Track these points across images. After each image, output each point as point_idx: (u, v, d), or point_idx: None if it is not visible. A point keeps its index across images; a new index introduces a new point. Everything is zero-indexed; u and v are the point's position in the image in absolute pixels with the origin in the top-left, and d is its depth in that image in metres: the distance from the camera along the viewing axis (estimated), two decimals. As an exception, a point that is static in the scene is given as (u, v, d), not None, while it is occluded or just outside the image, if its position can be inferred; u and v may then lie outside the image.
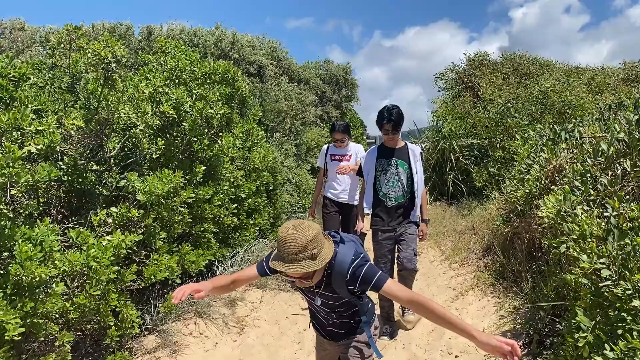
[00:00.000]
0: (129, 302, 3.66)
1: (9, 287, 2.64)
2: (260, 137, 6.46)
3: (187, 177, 4.45)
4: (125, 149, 4.24)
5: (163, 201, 3.92)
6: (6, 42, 11.31)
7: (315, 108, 14.44)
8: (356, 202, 5.30)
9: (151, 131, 4.30)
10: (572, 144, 4.15)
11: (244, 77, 10.19)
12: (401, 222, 4.35)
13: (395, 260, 4.43)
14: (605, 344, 2.30)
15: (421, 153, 4.45)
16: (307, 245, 1.93)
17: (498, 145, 8.34)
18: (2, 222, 2.77)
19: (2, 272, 2.75)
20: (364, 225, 4.63)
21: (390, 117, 4.18)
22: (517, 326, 3.97)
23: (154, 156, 4.24)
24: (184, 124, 4.52)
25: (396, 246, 4.40)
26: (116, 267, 3.27)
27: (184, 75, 4.82)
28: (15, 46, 11.08)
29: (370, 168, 4.40)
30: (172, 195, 3.99)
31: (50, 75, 4.47)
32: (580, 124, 4.53)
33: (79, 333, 3.47)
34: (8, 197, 2.94)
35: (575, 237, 2.85)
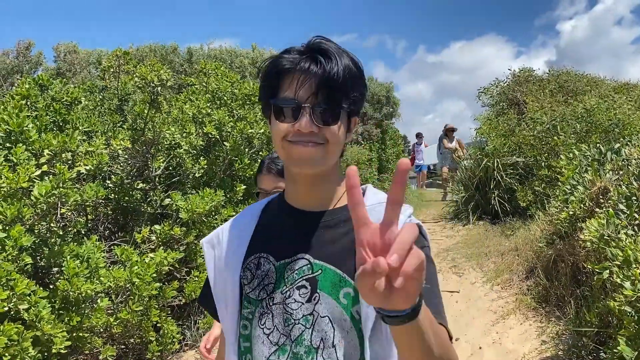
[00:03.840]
0: (170, 317, 3.77)
1: (57, 301, 2.78)
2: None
3: (228, 196, 4.55)
4: (170, 168, 4.39)
5: (204, 219, 4.03)
6: (65, 65, 11.99)
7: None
8: None
9: (194, 151, 4.44)
10: (617, 165, 4.02)
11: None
12: None
13: None
14: (649, 376, 2.22)
15: (422, 233, 1.00)
16: None
17: (544, 164, 8.11)
18: (53, 240, 2.93)
19: (51, 287, 2.89)
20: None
21: (316, 52, 0.96)
22: (560, 352, 3.84)
23: (196, 175, 4.37)
24: (225, 144, 4.64)
25: None
26: (158, 284, 3.38)
27: (225, 97, 4.97)
28: (72, 68, 11.73)
29: (228, 289, 1.08)
30: (213, 213, 4.10)
31: (100, 97, 4.70)
32: (627, 144, 4.39)
33: (122, 347, 3.59)
34: (58, 215, 3.10)
35: (619, 262, 2.76)
